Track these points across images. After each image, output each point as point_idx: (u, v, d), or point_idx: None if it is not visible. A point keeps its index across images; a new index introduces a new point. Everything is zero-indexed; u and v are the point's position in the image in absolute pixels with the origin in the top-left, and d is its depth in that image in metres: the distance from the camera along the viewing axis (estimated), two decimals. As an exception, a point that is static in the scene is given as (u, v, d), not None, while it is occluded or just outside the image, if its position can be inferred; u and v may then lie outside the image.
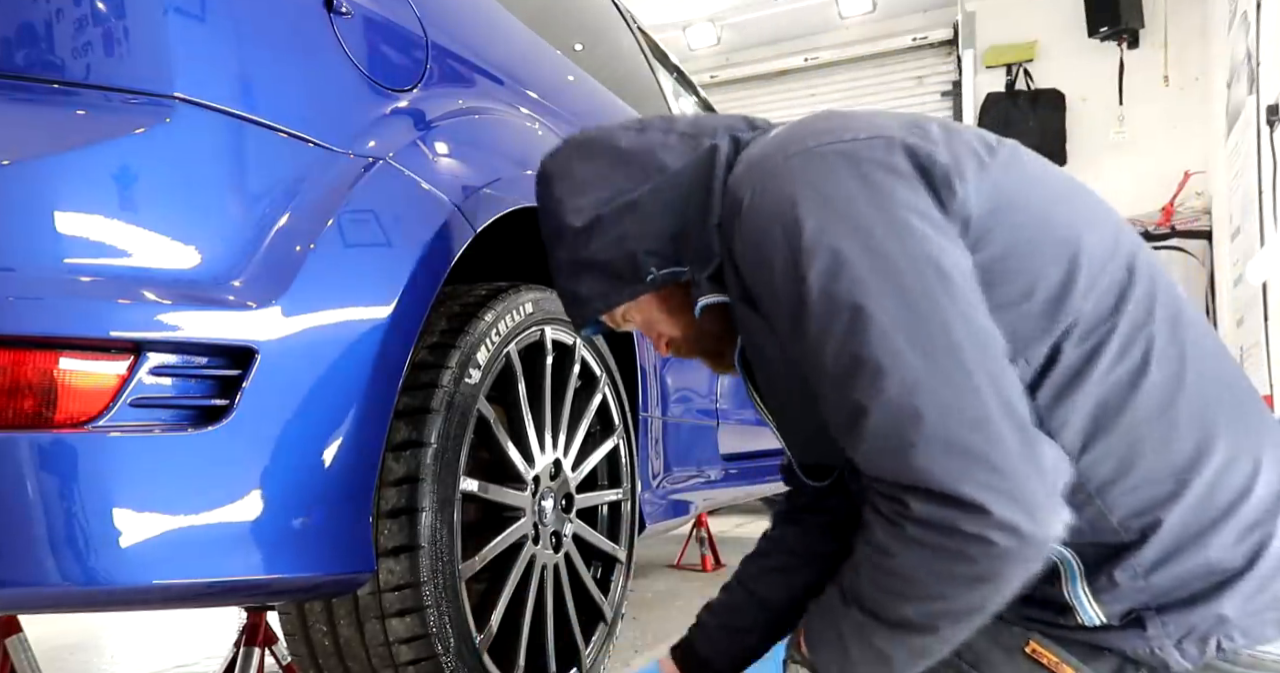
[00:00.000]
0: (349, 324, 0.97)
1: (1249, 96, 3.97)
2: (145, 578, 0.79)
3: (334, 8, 1.07)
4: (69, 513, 0.75)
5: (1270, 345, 3.70)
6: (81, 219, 0.79)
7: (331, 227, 0.97)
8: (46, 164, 0.79)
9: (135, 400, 0.79)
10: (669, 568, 3.17)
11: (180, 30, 0.90)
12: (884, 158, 0.77)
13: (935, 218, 0.75)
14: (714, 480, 2.20)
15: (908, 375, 0.70)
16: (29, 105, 0.85)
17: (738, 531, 4.20)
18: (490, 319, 1.21)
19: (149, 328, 0.80)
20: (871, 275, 0.72)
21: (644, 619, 2.29)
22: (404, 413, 1.09)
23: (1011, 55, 6.16)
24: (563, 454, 1.40)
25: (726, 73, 7.18)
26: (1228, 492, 0.76)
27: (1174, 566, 0.75)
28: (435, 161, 1.15)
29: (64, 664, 2.07)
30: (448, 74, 1.27)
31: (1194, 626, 0.74)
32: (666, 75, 2.65)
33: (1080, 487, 0.75)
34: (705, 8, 6.62)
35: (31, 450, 0.74)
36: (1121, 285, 0.78)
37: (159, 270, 0.84)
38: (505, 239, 1.48)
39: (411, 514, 1.06)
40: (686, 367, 2.01)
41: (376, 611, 1.06)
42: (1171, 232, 5.56)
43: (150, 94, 0.87)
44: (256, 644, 1.25)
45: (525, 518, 1.27)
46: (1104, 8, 5.68)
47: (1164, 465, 0.75)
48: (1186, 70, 5.68)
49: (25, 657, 1.35)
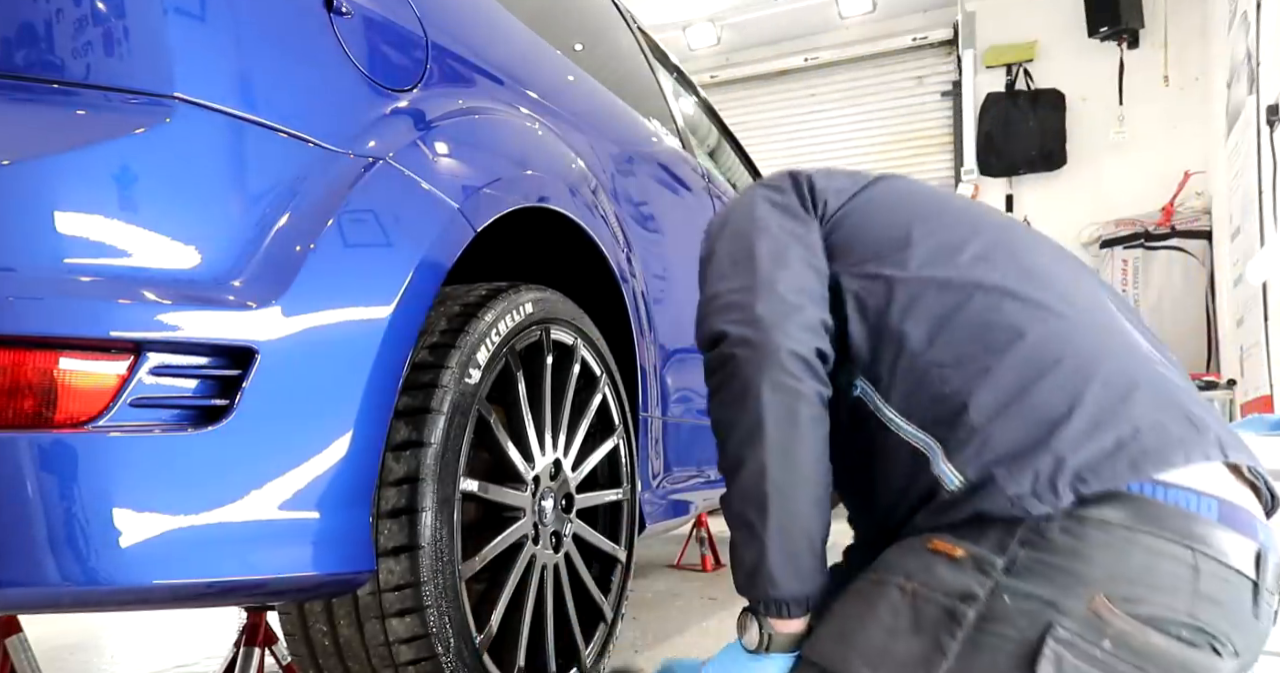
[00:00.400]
0: (349, 324, 0.97)
1: (1249, 96, 3.97)
2: (145, 578, 0.79)
3: (334, 8, 1.07)
4: (69, 513, 0.75)
5: (1270, 345, 3.70)
6: (81, 219, 0.80)
7: (331, 227, 0.97)
8: (46, 164, 0.79)
9: (135, 400, 0.79)
10: (669, 568, 3.17)
11: (180, 30, 0.90)
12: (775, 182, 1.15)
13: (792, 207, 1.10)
14: (714, 481, 2.20)
15: (719, 271, 1.06)
16: (29, 105, 0.85)
17: (738, 531, 4.20)
18: (490, 319, 1.21)
19: (149, 328, 0.80)
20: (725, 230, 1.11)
21: (644, 619, 2.29)
22: (404, 413, 1.09)
23: (1011, 55, 6.17)
24: (563, 454, 1.40)
25: (726, 73, 7.19)
26: (1046, 354, 0.89)
27: (1004, 418, 0.87)
28: (435, 162, 1.16)
29: (64, 664, 2.07)
30: (448, 74, 1.27)
31: (1038, 471, 0.83)
32: (666, 75, 2.65)
33: (913, 367, 0.94)
34: (705, 8, 6.63)
35: (31, 450, 0.74)
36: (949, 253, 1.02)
37: (159, 270, 0.84)
38: (505, 239, 1.48)
39: (411, 514, 1.06)
40: (687, 367, 2.01)
41: (376, 611, 1.06)
42: (1171, 232, 5.57)
43: (150, 94, 0.87)
44: (256, 644, 1.25)
45: (525, 518, 1.27)
46: (1104, 8, 5.69)
47: (989, 341, 0.92)
48: (1186, 70, 5.69)
49: (25, 657, 1.35)
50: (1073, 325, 0.92)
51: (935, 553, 0.87)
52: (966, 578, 0.84)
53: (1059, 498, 0.81)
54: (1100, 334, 0.93)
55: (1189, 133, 5.65)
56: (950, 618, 0.83)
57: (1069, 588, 0.80)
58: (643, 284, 1.75)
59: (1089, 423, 0.84)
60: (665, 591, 2.73)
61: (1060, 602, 0.80)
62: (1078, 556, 0.81)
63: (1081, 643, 0.78)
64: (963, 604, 0.83)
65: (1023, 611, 0.80)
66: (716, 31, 6.83)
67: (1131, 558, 0.80)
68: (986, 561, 0.84)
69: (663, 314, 1.85)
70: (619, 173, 1.75)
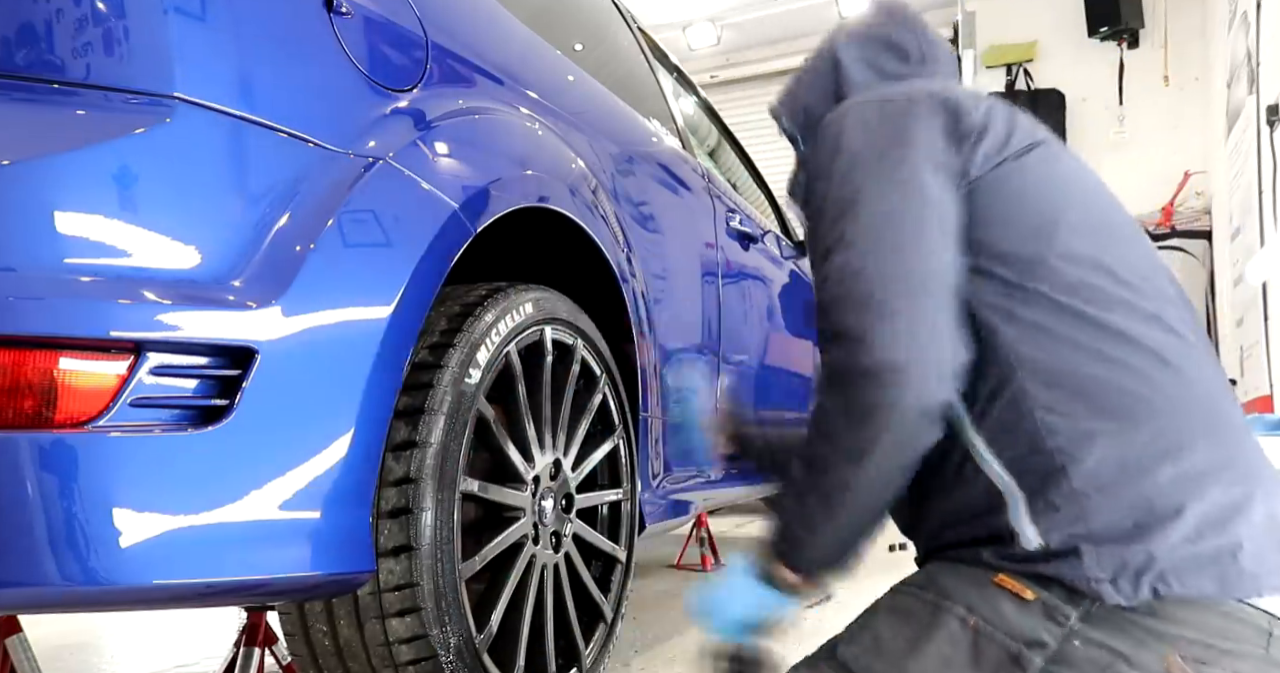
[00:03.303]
0: (349, 324, 0.97)
1: (1249, 96, 3.97)
2: (145, 578, 0.79)
3: (334, 8, 1.07)
4: (69, 513, 0.75)
5: (1270, 345, 3.70)
6: (81, 219, 0.80)
7: (331, 227, 0.97)
8: (46, 164, 0.79)
9: (135, 400, 0.79)
10: (669, 568, 3.17)
11: (180, 30, 0.90)
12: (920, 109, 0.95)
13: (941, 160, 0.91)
14: (714, 480, 2.20)
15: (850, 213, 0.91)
16: (29, 105, 0.85)
17: (738, 531, 4.20)
18: (490, 319, 1.21)
19: (149, 328, 0.80)
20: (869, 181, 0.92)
21: (644, 619, 2.29)
22: (404, 413, 1.09)
23: (1011, 55, 6.16)
24: (563, 454, 1.40)
25: (726, 73, 7.18)
26: (1170, 438, 0.82)
27: (1107, 496, 0.81)
28: (435, 162, 1.15)
29: (64, 664, 2.07)
30: (448, 74, 1.27)
31: (1126, 561, 0.79)
32: (666, 75, 2.65)
33: (1016, 403, 0.85)
34: (705, 8, 6.62)
35: (31, 450, 0.74)
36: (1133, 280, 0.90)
37: (159, 270, 0.84)
38: (505, 239, 1.48)
39: (411, 514, 1.06)
40: (687, 367, 2.01)
41: (376, 611, 1.06)
42: (1171, 232, 5.56)
43: (150, 94, 0.87)
44: (256, 644, 1.25)
45: (525, 518, 1.27)
46: (1104, 8, 5.68)
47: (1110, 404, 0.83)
48: (1186, 70, 5.68)
49: (25, 657, 1.35)
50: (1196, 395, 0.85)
51: (1001, 589, 0.83)
52: (1035, 624, 0.80)
53: (1137, 593, 0.78)
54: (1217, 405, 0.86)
55: (1189, 133, 5.65)
56: (1014, 663, 0.80)
57: (1144, 644, 0.77)
58: (643, 284, 1.75)
59: (1196, 529, 0.79)
60: (665, 591, 2.73)
61: (1134, 656, 0.77)
62: (1155, 614, 0.78)
63: None
64: (1029, 650, 0.80)
65: (1093, 659, 0.78)
66: (716, 31, 6.82)
67: (1209, 621, 0.78)
68: (1059, 611, 0.80)
69: (663, 314, 1.85)
70: (619, 173, 1.75)
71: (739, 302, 2.43)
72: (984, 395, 0.87)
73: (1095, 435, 0.82)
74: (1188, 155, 5.63)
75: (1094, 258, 0.88)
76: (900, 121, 0.94)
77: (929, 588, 0.89)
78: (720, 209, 2.37)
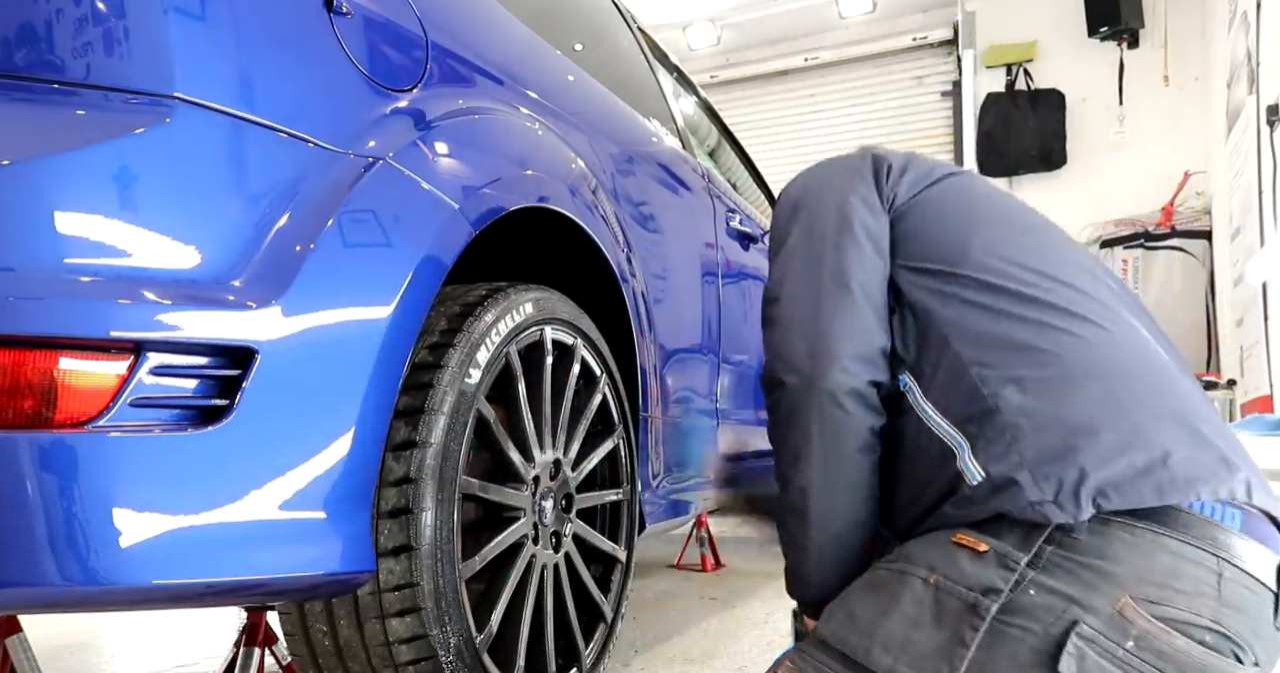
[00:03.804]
0: (349, 324, 0.97)
1: (1249, 96, 3.97)
2: (145, 578, 0.79)
3: (334, 8, 1.07)
4: (69, 513, 0.75)
5: (1270, 345, 3.70)
6: (81, 219, 0.80)
7: (331, 227, 0.97)
8: (46, 164, 0.79)
9: (135, 400, 0.79)
10: (669, 568, 3.17)
11: (180, 30, 0.90)
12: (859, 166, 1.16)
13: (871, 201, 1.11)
14: (714, 481, 2.20)
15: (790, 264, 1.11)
16: (29, 105, 0.85)
17: (738, 531, 4.20)
18: (490, 319, 1.21)
19: (149, 328, 0.80)
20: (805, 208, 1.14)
21: (644, 619, 2.29)
22: (404, 413, 1.09)
23: (1011, 55, 6.16)
24: (563, 454, 1.40)
25: (726, 73, 7.18)
26: (1090, 375, 0.91)
27: (1034, 421, 0.89)
28: (435, 162, 1.15)
29: (64, 664, 2.07)
30: (448, 74, 1.27)
31: (1062, 479, 0.85)
32: (666, 75, 2.65)
33: (953, 365, 0.97)
34: (705, 8, 6.62)
35: (31, 450, 0.74)
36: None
37: (159, 270, 0.84)
38: (505, 239, 1.48)
39: (411, 514, 1.06)
40: (687, 367, 2.01)
41: (376, 611, 1.06)
42: (1171, 232, 5.56)
43: (150, 94, 0.87)
44: (256, 644, 1.25)
45: (525, 518, 1.27)
46: (1104, 8, 5.68)
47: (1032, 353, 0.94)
48: (1186, 70, 5.68)
49: (25, 657, 1.35)
50: (1114, 344, 0.94)
51: (959, 547, 0.89)
52: (990, 572, 0.85)
53: (1080, 509, 0.83)
54: (1138, 354, 0.95)
55: (1189, 133, 5.65)
56: (972, 611, 0.84)
57: (1095, 587, 0.81)
58: (643, 284, 1.75)
59: (1119, 442, 0.85)
60: (665, 591, 2.73)
61: (1086, 600, 0.81)
62: (1105, 556, 0.82)
63: (1105, 641, 0.79)
64: (985, 598, 0.84)
65: (1047, 606, 0.82)
66: (716, 31, 6.82)
67: (1157, 561, 0.81)
68: (1010, 556, 0.85)
69: (662, 314, 1.85)
70: (619, 173, 1.75)
71: (739, 301, 2.43)
72: (928, 367, 1.00)
73: (1022, 379, 0.92)
74: (1188, 155, 5.63)
75: (1008, 250, 1.03)
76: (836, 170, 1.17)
77: (898, 559, 0.95)
78: (720, 209, 2.38)
